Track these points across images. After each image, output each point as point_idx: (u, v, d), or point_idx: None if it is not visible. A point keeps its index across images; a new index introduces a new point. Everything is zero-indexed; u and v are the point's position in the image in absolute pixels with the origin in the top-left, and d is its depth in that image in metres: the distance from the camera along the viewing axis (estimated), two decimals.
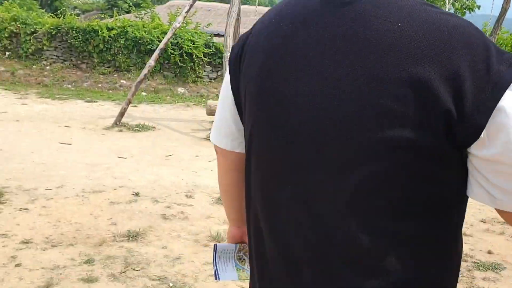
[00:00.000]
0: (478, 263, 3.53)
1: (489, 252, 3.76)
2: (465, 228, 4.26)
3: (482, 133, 0.69)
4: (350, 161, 0.76)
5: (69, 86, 12.61)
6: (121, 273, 3.00)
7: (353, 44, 0.76)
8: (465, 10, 18.97)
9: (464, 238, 4.01)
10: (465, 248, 3.78)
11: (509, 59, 0.71)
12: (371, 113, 0.73)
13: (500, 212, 0.75)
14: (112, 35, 13.08)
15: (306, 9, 0.84)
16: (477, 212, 4.79)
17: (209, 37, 14.31)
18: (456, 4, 18.94)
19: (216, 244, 1.15)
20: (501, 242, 4.02)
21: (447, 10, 17.88)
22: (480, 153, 0.71)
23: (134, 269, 3.06)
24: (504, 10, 10.56)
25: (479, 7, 19.83)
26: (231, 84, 0.98)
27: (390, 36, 0.73)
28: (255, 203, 0.94)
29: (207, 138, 7.54)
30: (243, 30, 21.86)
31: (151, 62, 8.25)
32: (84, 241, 3.44)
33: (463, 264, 3.48)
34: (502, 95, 0.68)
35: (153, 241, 3.49)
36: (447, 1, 13.00)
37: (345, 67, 0.76)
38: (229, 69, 0.98)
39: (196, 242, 3.52)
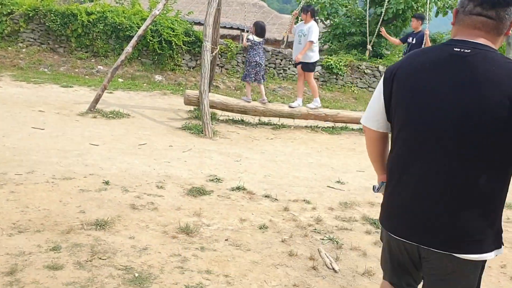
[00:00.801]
0: None
1: None
2: None
3: None
4: (464, 142, 1.65)
5: (45, 70, 12.37)
6: (87, 261, 2.99)
7: (468, 79, 1.63)
8: (447, 10, 19.20)
9: None
10: None
11: None
12: (477, 113, 1.61)
13: None
14: (91, 20, 12.87)
15: (439, 57, 1.73)
16: None
17: (190, 25, 14.19)
18: (439, 3, 19.15)
19: (374, 185, 2.14)
20: None
21: (428, 9, 17.93)
22: None
23: (100, 258, 3.05)
24: None
25: None
26: (383, 92, 1.85)
27: (487, 75, 1.61)
28: (397, 156, 1.86)
29: (183, 128, 7.51)
30: (224, 19, 21.54)
31: (129, 48, 8.15)
32: (52, 228, 3.41)
33: None
34: None
35: (120, 231, 3.47)
36: (428, 1, 13.10)
37: (459, 93, 1.64)
38: (384, 83, 1.85)
39: (165, 234, 3.51)
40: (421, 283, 2.00)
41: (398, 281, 2.04)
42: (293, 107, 8.75)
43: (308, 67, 8.47)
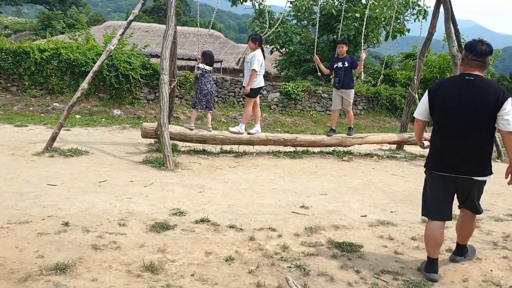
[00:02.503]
0: (408, 281, 3.64)
1: (419, 270, 3.89)
2: (396, 247, 4.40)
3: (500, 110, 3.53)
4: (476, 121, 3.61)
5: None
6: None
7: (473, 92, 3.61)
8: (396, 34, 19.93)
9: (395, 257, 4.13)
10: (396, 267, 3.90)
11: (508, 94, 3.55)
12: (479, 109, 3.58)
13: (501, 132, 3.61)
14: (44, 57, 12.69)
15: (458, 83, 3.74)
16: (408, 230, 4.98)
17: (147, 59, 14.17)
18: (388, 27, 19.84)
19: (422, 144, 4.18)
20: None
21: (378, 33, 18.38)
22: (499, 114, 3.55)
23: None
24: (430, 35, 11.15)
25: (409, 30, 20.90)
26: (429, 100, 3.82)
27: (482, 89, 3.60)
28: (442, 136, 3.78)
29: (144, 162, 7.41)
30: (181, 51, 21.60)
31: (84, 85, 8.03)
32: (8, 276, 3.25)
33: (394, 283, 3.59)
34: (504, 102, 3.52)
35: (82, 274, 3.34)
36: (364, 33, 13.59)
37: (470, 99, 3.61)
38: (429, 96, 3.82)
39: (129, 273, 3.41)
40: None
41: (439, 210, 3.85)
42: (251, 134, 8.80)
43: (251, 93, 8.62)
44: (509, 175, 3.73)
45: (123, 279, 3.31)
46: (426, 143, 4.11)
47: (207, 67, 8.54)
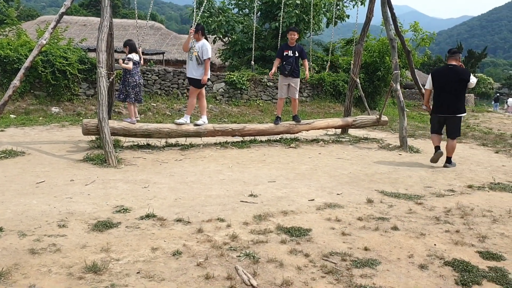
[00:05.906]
0: (356, 261, 3.67)
1: (366, 249, 3.93)
2: (343, 228, 4.44)
3: (468, 81, 7.90)
4: (455, 88, 7.92)
5: None
6: None
7: (453, 74, 7.93)
8: (336, 20, 20.22)
9: (342, 238, 4.16)
10: (344, 248, 3.93)
11: (469, 72, 8.13)
12: (456, 81, 7.90)
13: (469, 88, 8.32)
14: None
15: (444, 69, 8.19)
16: (354, 211, 5.04)
17: (84, 53, 13.67)
18: (328, 14, 20.09)
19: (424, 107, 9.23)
20: (376, 238, 4.24)
21: (319, 20, 18.49)
22: (468, 83, 7.93)
23: None
24: (368, 19, 11.35)
25: (348, 16, 21.28)
26: (432, 79, 8.23)
27: (459, 72, 7.93)
28: (438, 95, 8.17)
29: (84, 160, 7.13)
30: (118, 44, 21.22)
31: (16, 82, 7.59)
32: None
33: (342, 264, 3.60)
34: (469, 76, 7.91)
35: (18, 281, 3.14)
36: (311, 15, 13.69)
37: (451, 77, 7.94)
38: (431, 76, 8.32)
39: (70, 276, 3.23)
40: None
41: (437, 130, 8.22)
42: (198, 125, 8.67)
43: (197, 83, 8.49)
44: None
45: (63, 283, 3.14)
46: (425, 107, 8.69)
47: (136, 57, 8.33)
